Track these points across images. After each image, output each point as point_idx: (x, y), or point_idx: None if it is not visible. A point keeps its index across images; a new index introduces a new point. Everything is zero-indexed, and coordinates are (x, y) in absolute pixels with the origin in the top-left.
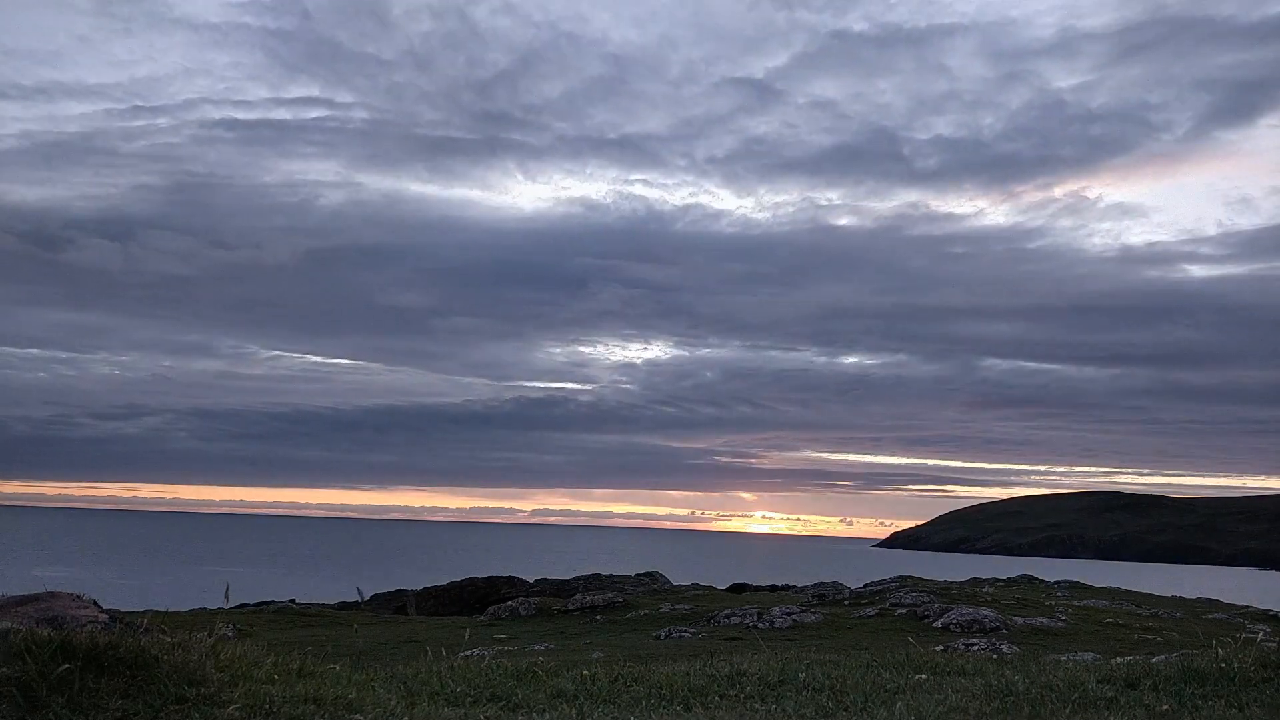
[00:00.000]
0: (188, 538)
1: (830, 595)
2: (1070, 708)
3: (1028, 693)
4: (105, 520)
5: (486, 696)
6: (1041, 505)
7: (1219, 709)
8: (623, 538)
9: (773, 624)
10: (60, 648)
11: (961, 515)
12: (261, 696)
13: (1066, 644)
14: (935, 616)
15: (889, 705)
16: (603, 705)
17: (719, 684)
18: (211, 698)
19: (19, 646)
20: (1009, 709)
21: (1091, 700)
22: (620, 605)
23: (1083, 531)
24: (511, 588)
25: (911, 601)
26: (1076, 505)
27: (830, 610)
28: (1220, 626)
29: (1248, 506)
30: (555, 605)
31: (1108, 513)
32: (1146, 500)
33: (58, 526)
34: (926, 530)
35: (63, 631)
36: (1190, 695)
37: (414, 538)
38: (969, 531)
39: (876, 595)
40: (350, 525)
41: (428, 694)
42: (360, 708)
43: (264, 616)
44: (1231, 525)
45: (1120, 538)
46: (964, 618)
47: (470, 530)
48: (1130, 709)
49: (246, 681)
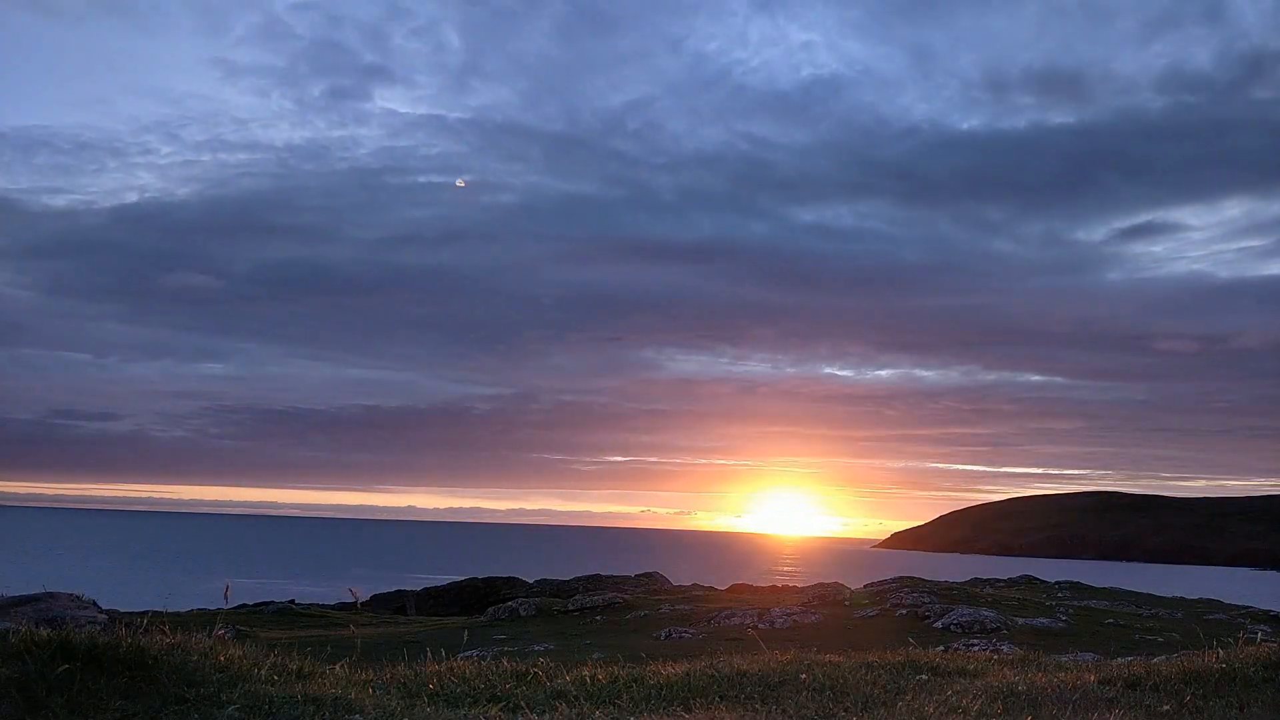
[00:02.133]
0: (187, 538)
1: (830, 595)
2: (1071, 708)
3: (1028, 693)
4: (104, 521)
5: (486, 697)
6: (1042, 506)
7: (1220, 709)
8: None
9: (773, 624)
10: (60, 648)
11: (962, 515)
12: (260, 697)
13: (1067, 644)
14: (936, 617)
15: (889, 706)
16: (603, 706)
17: (719, 685)
18: (211, 698)
19: (19, 646)
20: (1010, 710)
21: (1092, 700)
22: (620, 605)
23: (1083, 532)
24: (511, 588)
25: (912, 602)
26: (1077, 506)
27: (830, 611)
28: (1221, 627)
29: (1248, 506)
30: (555, 605)
31: (1108, 513)
32: (1147, 501)
33: (58, 527)
34: (927, 531)
35: (62, 631)
36: (1191, 696)
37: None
38: (969, 532)
39: (877, 596)
40: (356, 525)
41: (427, 694)
42: (359, 708)
43: (263, 617)
44: (1231, 525)
45: (1121, 538)
46: (965, 618)
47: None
48: (1131, 709)
49: (245, 682)
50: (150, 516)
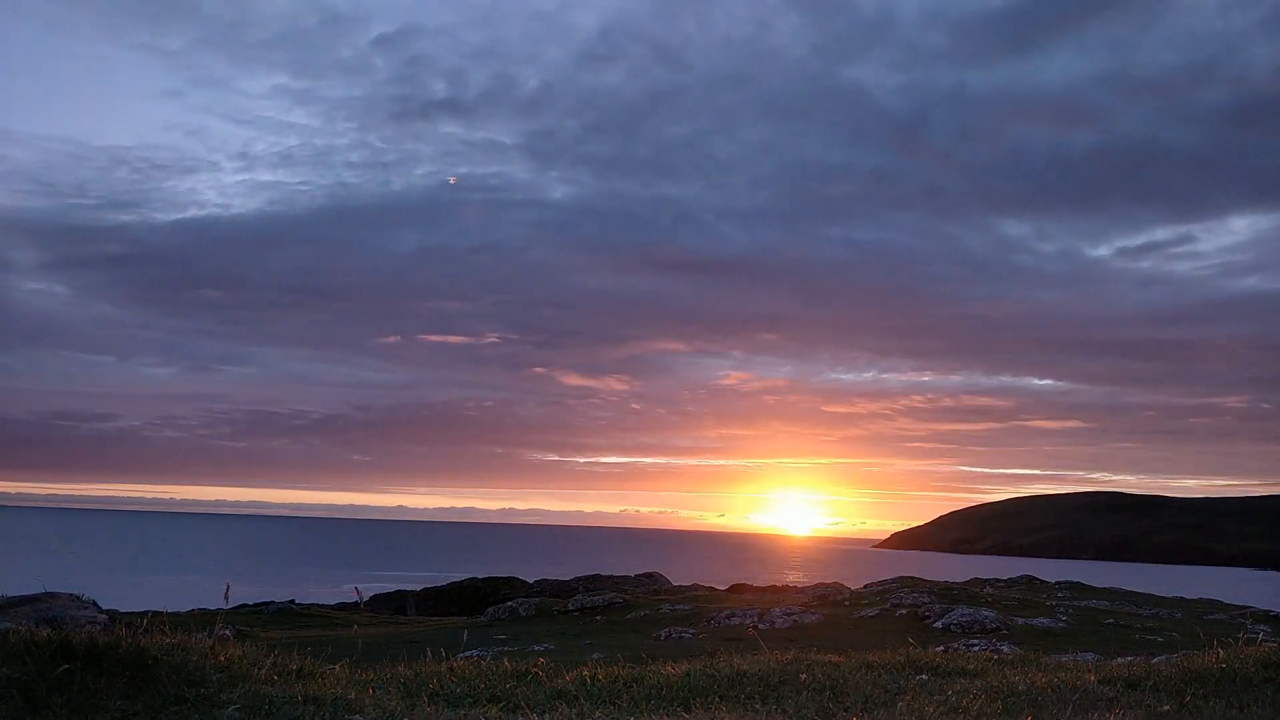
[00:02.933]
0: (187, 538)
1: (830, 595)
2: (1071, 708)
3: (1029, 693)
4: (104, 521)
5: (486, 697)
6: (1042, 506)
7: (1220, 710)
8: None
9: (773, 624)
10: (60, 648)
11: (962, 516)
12: (260, 697)
13: (1067, 644)
14: (936, 617)
15: (889, 706)
16: (603, 706)
17: (719, 685)
18: (211, 698)
19: (19, 647)
20: (1010, 710)
21: (1092, 700)
22: (620, 606)
23: (1083, 532)
24: (511, 588)
25: (912, 602)
26: (1077, 506)
27: (830, 610)
28: (1221, 627)
29: (1248, 506)
30: (555, 606)
31: (1108, 513)
32: (1147, 501)
33: (57, 527)
34: (927, 531)
35: (62, 632)
36: (1191, 696)
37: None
38: (970, 532)
39: (877, 596)
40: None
41: (427, 694)
42: (360, 708)
43: (263, 617)
44: (1231, 525)
45: (1121, 538)
46: (965, 618)
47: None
48: (1131, 709)
49: (245, 682)
50: (150, 517)
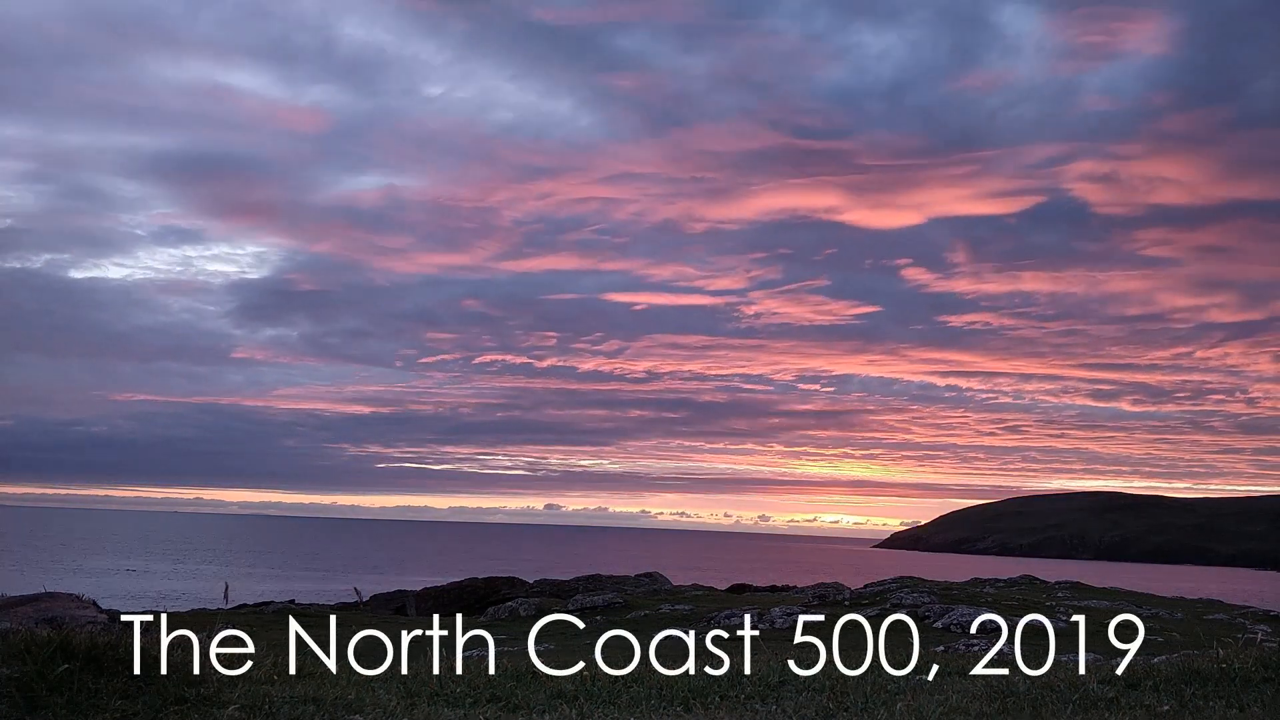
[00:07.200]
0: (186, 538)
1: (830, 595)
2: (1071, 708)
3: (1028, 693)
4: (104, 521)
5: (486, 697)
6: (1042, 506)
7: (1220, 710)
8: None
9: (773, 624)
10: (60, 648)
11: (962, 516)
12: (260, 697)
13: (1068, 645)
14: (936, 617)
15: (889, 706)
16: (603, 706)
17: (719, 685)
18: (211, 698)
19: (19, 647)
20: (1010, 710)
21: (1092, 701)
22: (620, 606)
23: (1083, 532)
24: (511, 588)
25: (912, 602)
26: (1077, 506)
27: (830, 611)
28: (1221, 627)
29: (1248, 506)
30: (555, 606)
31: (1108, 513)
32: (1147, 501)
33: (57, 526)
34: (927, 531)
35: (62, 632)
36: (1191, 696)
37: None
38: (969, 532)
39: (877, 596)
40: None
41: (427, 694)
42: (360, 708)
43: (264, 617)
44: (1231, 525)
45: (1121, 538)
46: (965, 618)
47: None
48: (1131, 709)
49: (246, 682)
50: (150, 516)
